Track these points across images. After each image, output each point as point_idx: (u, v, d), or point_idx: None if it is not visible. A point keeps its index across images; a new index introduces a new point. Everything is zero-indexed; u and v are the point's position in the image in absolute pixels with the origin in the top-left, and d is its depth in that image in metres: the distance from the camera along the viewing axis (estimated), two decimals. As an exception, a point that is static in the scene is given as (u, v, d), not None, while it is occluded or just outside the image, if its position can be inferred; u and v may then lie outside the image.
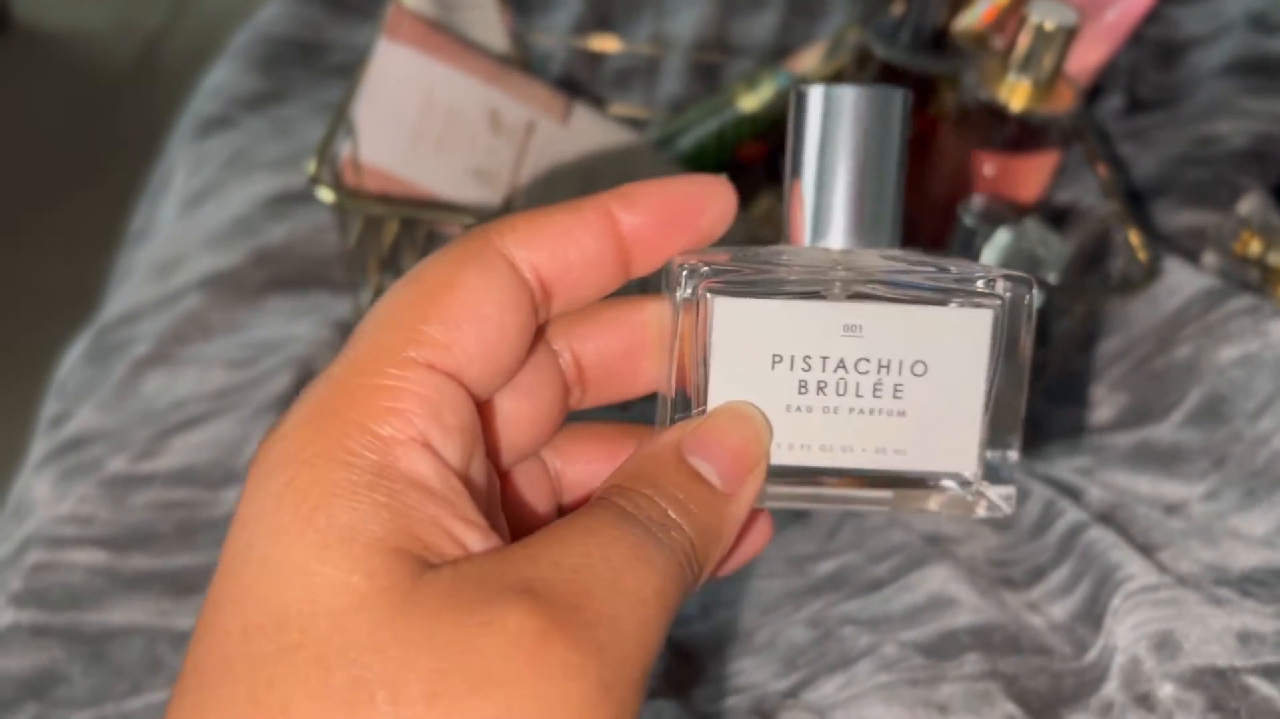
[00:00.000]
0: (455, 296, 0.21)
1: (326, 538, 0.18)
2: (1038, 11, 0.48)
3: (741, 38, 0.76)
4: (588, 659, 0.18)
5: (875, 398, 0.23)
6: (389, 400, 0.20)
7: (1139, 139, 0.66)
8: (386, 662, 0.17)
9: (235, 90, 0.71)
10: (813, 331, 0.23)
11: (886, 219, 0.24)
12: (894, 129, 0.23)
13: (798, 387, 0.23)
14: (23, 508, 0.49)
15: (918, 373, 0.23)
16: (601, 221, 0.22)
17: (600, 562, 0.19)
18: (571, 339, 0.25)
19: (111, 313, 0.58)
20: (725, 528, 0.22)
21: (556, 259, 0.22)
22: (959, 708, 0.38)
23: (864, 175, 0.23)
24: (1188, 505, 0.46)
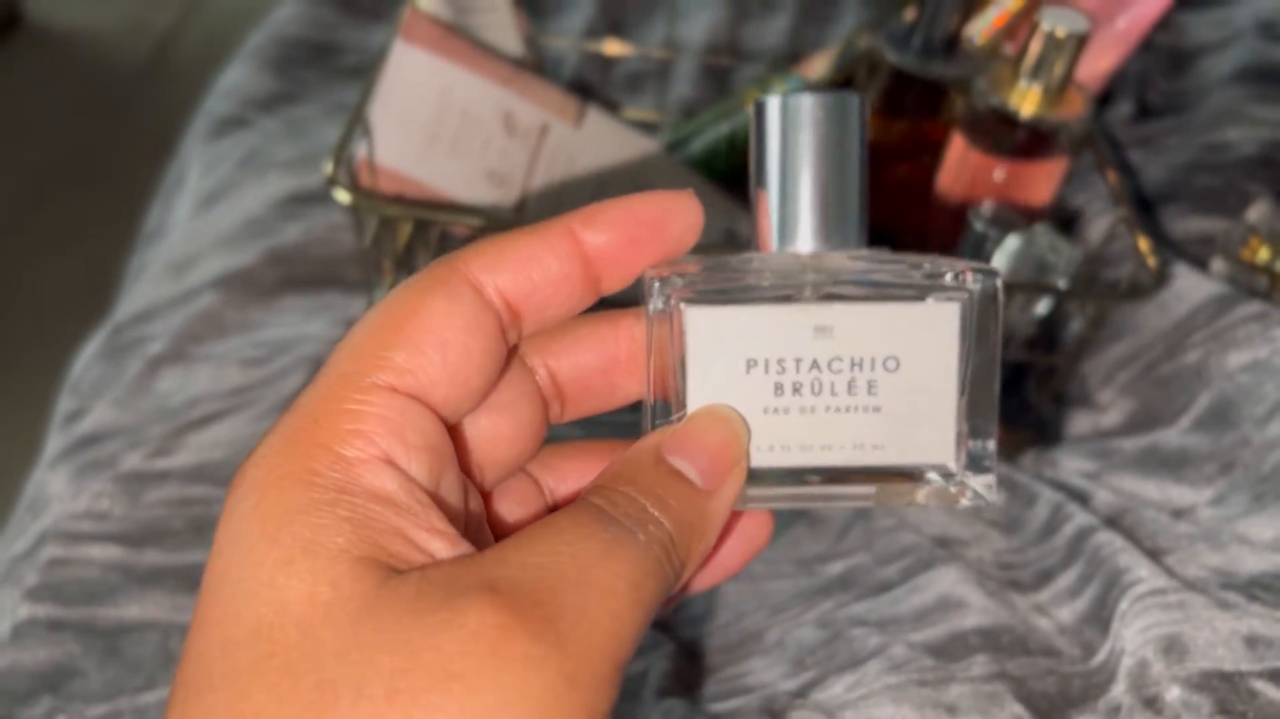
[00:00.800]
0: (419, 322, 0.21)
1: (291, 553, 0.19)
2: (1049, 18, 0.48)
3: (752, 42, 0.77)
4: (550, 651, 0.18)
5: (850, 395, 0.24)
6: (351, 423, 0.20)
7: (1148, 146, 0.66)
8: (350, 664, 0.18)
9: (249, 91, 0.72)
10: (785, 335, 0.24)
11: (852, 221, 0.24)
12: (852, 133, 0.24)
13: (774, 389, 0.24)
14: (38, 503, 0.49)
15: (890, 369, 0.24)
16: (565, 242, 0.23)
17: (569, 558, 0.20)
18: (547, 356, 0.25)
19: (126, 311, 0.59)
20: (707, 523, 0.22)
21: (522, 281, 0.22)
22: (967, 709, 0.38)
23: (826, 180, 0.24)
24: (1195, 510, 0.46)
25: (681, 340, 0.23)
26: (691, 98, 0.70)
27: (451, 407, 0.22)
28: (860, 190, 0.24)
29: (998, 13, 0.54)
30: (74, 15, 1.97)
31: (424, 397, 0.21)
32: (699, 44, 0.75)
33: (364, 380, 0.21)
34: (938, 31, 0.50)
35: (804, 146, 0.24)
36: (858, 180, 0.24)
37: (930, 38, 0.50)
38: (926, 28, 0.50)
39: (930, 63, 0.50)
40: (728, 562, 0.26)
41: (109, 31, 1.94)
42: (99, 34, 1.94)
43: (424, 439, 0.21)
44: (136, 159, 1.61)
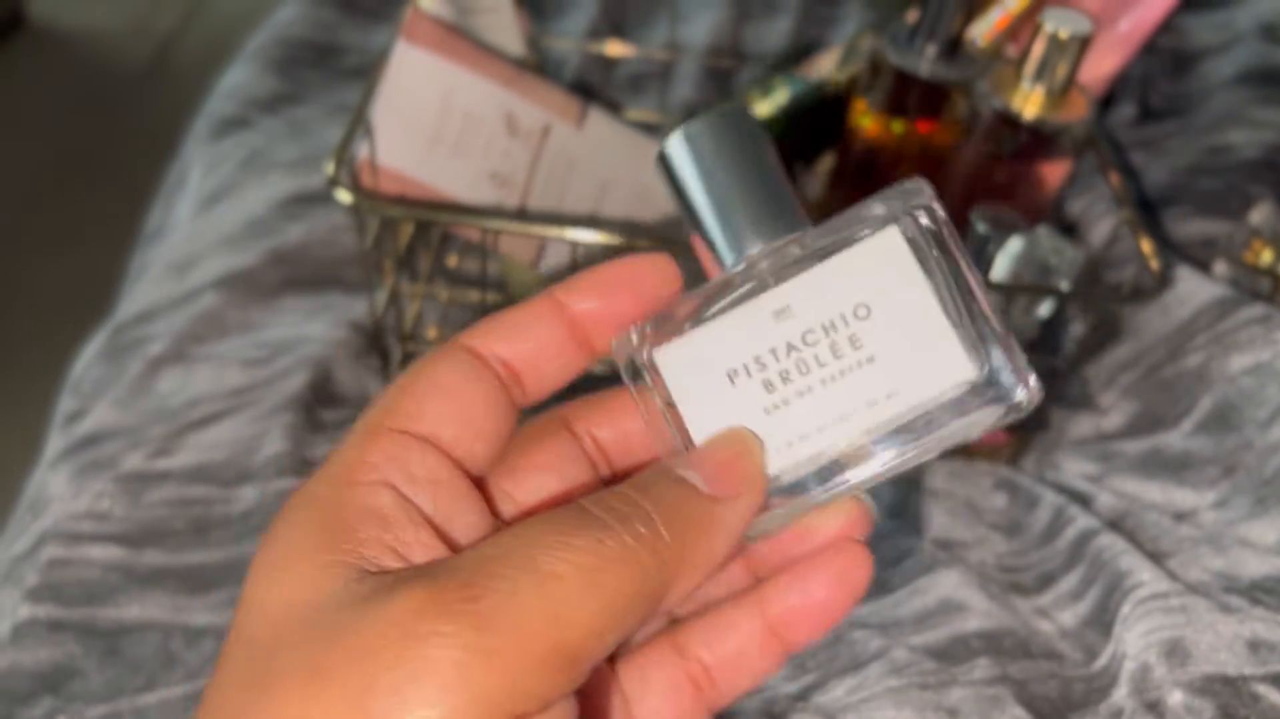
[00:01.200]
0: (422, 378, 0.24)
1: (277, 561, 0.21)
2: (1052, 20, 0.48)
3: (754, 44, 0.76)
4: (464, 629, 0.19)
5: (837, 359, 0.23)
6: (361, 457, 0.23)
7: (1150, 148, 0.66)
8: (290, 650, 0.20)
9: (251, 91, 0.72)
10: (749, 334, 0.24)
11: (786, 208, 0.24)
12: (751, 137, 0.25)
13: (764, 388, 0.24)
14: (38, 504, 0.49)
15: (861, 316, 0.23)
16: (549, 309, 0.25)
17: (520, 545, 0.20)
18: (589, 424, 0.27)
19: (127, 311, 0.59)
20: (714, 525, 0.22)
21: (514, 346, 0.25)
22: (969, 712, 0.38)
23: (747, 181, 0.24)
24: (1197, 513, 0.46)
25: (663, 383, 0.24)
26: (693, 99, 0.70)
27: (464, 447, 0.24)
28: (779, 181, 0.25)
29: (1000, 15, 0.54)
30: (76, 16, 1.97)
31: (433, 438, 0.24)
32: (701, 45, 0.75)
33: (377, 425, 0.23)
34: (941, 33, 0.50)
35: (715, 164, 0.24)
36: (775, 173, 0.25)
37: (933, 39, 0.50)
38: (929, 29, 0.50)
39: (933, 64, 0.50)
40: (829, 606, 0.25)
41: (111, 33, 1.94)
42: (101, 35, 1.94)
43: (429, 473, 0.23)
44: (137, 160, 1.61)
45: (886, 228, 0.23)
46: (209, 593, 0.44)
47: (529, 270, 0.54)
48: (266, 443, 0.48)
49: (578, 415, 0.27)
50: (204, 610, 0.43)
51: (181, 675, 0.41)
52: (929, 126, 0.52)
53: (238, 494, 0.47)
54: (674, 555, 0.22)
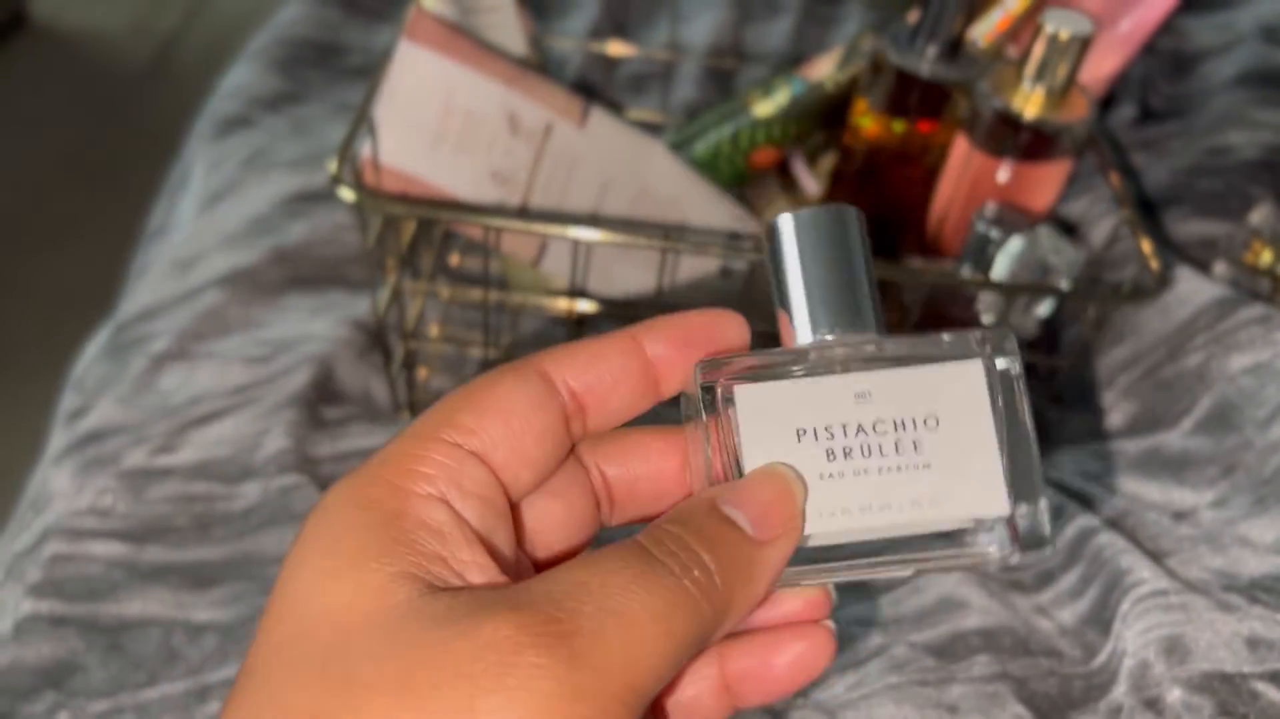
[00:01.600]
0: (488, 394, 0.24)
1: (339, 565, 0.21)
2: (1053, 20, 0.48)
3: (756, 44, 0.77)
4: (557, 663, 0.19)
5: (898, 455, 0.25)
6: (414, 465, 0.23)
7: (1151, 149, 0.66)
8: (373, 660, 0.20)
9: (254, 90, 0.72)
10: (828, 403, 0.25)
11: (867, 311, 0.26)
12: (854, 236, 0.27)
13: (825, 455, 0.25)
14: (41, 500, 0.49)
15: (931, 426, 0.25)
16: (628, 346, 0.26)
17: (597, 586, 0.21)
18: (600, 457, 0.27)
19: (130, 309, 0.59)
20: (756, 570, 0.23)
21: (587, 376, 0.25)
22: (968, 709, 0.38)
23: (839, 275, 0.26)
24: (1197, 512, 0.46)
25: (733, 418, 0.25)
26: (695, 99, 0.70)
27: (511, 472, 0.24)
28: (870, 284, 0.27)
29: (1001, 15, 0.54)
30: (78, 16, 1.97)
31: (485, 456, 0.24)
32: (702, 45, 0.75)
33: (433, 434, 0.24)
34: (942, 34, 0.50)
35: (816, 251, 0.26)
36: (865, 275, 0.27)
37: (934, 39, 0.50)
38: (930, 29, 0.50)
39: (934, 64, 0.51)
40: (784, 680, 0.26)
41: (112, 32, 1.95)
42: (103, 35, 1.94)
43: (479, 489, 0.23)
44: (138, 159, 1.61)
45: (973, 359, 0.26)
46: (211, 589, 0.44)
47: (530, 269, 0.55)
48: (269, 440, 0.48)
49: (590, 447, 0.27)
50: (206, 607, 0.43)
51: (183, 671, 0.41)
52: (930, 127, 0.53)
53: (241, 491, 0.47)
54: (724, 601, 0.22)
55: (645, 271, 0.55)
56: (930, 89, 0.51)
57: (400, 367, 0.51)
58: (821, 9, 0.80)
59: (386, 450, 0.24)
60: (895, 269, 0.45)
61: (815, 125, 0.59)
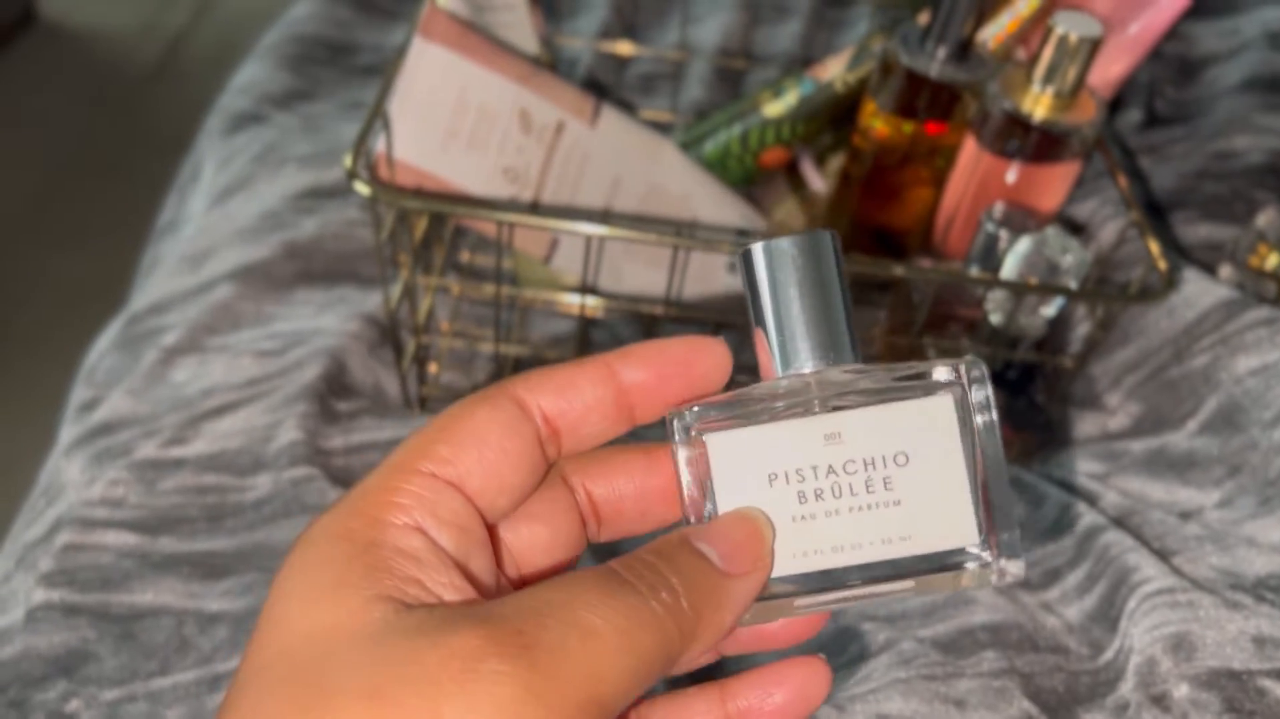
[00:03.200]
0: (462, 423, 0.25)
1: (320, 591, 0.22)
2: (1063, 23, 0.48)
3: (765, 46, 0.77)
4: (520, 670, 0.20)
5: (869, 493, 0.26)
6: (391, 497, 0.24)
7: (1157, 153, 0.67)
8: (345, 670, 0.21)
9: (265, 87, 0.72)
10: (799, 447, 0.26)
11: (843, 339, 0.26)
12: (830, 264, 0.26)
13: (797, 498, 0.26)
14: (53, 490, 0.50)
15: (900, 463, 0.26)
16: (602, 373, 0.26)
17: (563, 602, 0.22)
18: (585, 478, 0.28)
19: (141, 302, 0.59)
20: (724, 599, 0.24)
21: (560, 402, 0.26)
22: (976, 704, 0.38)
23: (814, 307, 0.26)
24: (1203, 512, 0.46)
25: (707, 465, 0.26)
26: (704, 100, 0.71)
27: (488, 499, 0.25)
28: (846, 312, 0.27)
29: (1011, 18, 0.54)
30: (87, 14, 1.98)
31: (461, 485, 0.24)
32: (711, 47, 0.75)
33: (409, 466, 0.24)
34: (952, 35, 0.51)
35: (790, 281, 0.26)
36: (841, 303, 0.27)
37: (944, 41, 0.51)
38: (940, 31, 0.51)
39: (944, 66, 0.51)
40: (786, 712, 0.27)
41: (121, 31, 1.95)
42: (111, 33, 1.94)
43: (454, 518, 0.24)
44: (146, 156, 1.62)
45: (942, 393, 0.26)
46: (222, 579, 0.44)
47: (541, 265, 0.55)
48: (281, 432, 0.48)
49: (575, 468, 0.28)
50: (217, 597, 0.44)
51: (195, 660, 0.42)
52: (939, 128, 0.53)
53: (252, 482, 0.47)
54: (690, 624, 0.23)
55: (655, 269, 0.55)
56: (940, 90, 0.51)
57: (411, 361, 0.52)
58: (830, 12, 0.81)
59: (366, 484, 0.24)
60: (904, 268, 0.46)
61: (824, 126, 0.59)
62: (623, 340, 0.57)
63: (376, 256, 0.56)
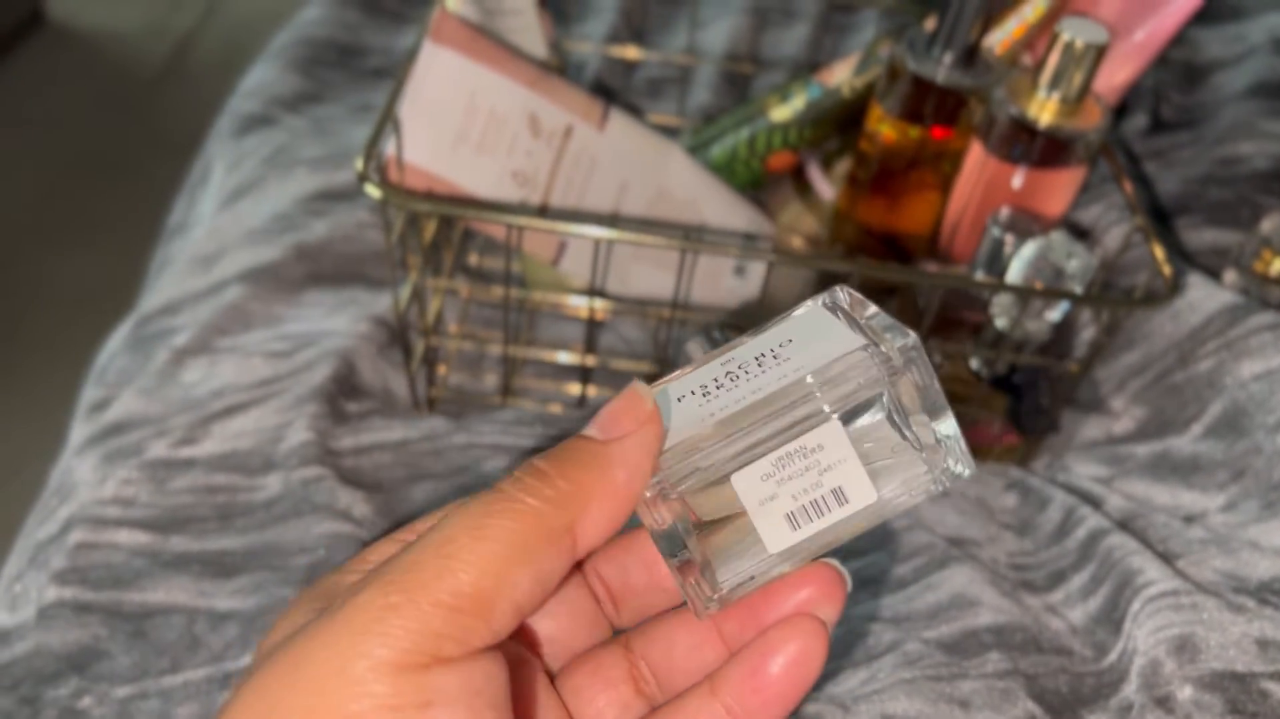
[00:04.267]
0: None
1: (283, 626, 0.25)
2: (1069, 29, 0.49)
3: (772, 50, 0.77)
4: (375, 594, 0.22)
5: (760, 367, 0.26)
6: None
7: (1162, 159, 0.67)
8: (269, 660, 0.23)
9: (275, 90, 0.73)
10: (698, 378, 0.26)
11: None
12: None
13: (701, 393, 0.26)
14: (64, 489, 0.50)
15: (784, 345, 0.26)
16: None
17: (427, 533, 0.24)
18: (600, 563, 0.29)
19: (152, 303, 0.59)
20: (608, 462, 0.25)
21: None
22: (980, 705, 0.39)
23: None
24: (1207, 516, 0.46)
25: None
26: (711, 104, 0.71)
27: None
28: None
29: (1017, 24, 0.55)
30: (95, 16, 1.99)
31: None
32: (718, 52, 0.76)
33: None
34: (958, 41, 0.51)
35: None
36: None
37: (951, 46, 0.51)
38: (947, 37, 0.51)
39: (950, 71, 0.51)
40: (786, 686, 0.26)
41: (129, 32, 1.96)
42: (119, 35, 1.95)
43: None
44: (154, 158, 1.62)
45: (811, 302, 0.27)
46: (233, 578, 0.44)
47: (549, 268, 0.55)
48: (291, 433, 0.49)
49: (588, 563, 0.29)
50: (228, 595, 0.44)
51: (206, 658, 0.42)
52: (945, 133, 0.53)
53: (263, 482, 0.48)
54: (570, 495, 0.24)
55: (662, 272, 0.55)
56: (946, 95, 0.52)
57: (420, 363, 0.52)
58: (837, 17, 0.81)
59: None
60: (910, 272, 0.46)
61: (831, 130, 0.60)
62: (630, 342, 0.57)
63: (387, 259, 0.56)
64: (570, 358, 0.55)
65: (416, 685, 0.21)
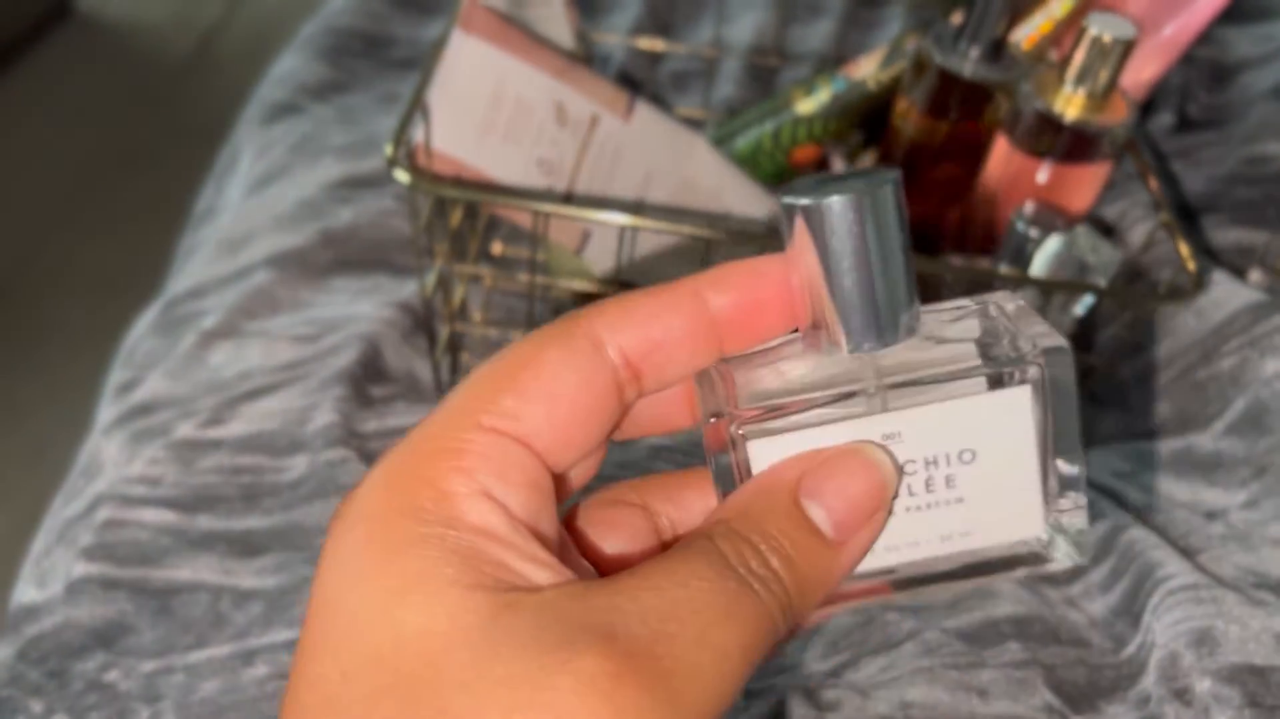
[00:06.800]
0: (532, 372, 0.22)
1: (405, 583, 0.20)
2: (1096, 24, 0.49)
3: (798, 45, 0.78)
4: (659, 705, 0.18)
5: (929, 493, 0.23)
6: (454, 460, 0.21)
7: (1188, 157, 0.67)
8: (470, 696, 0.19)
9: (302, 78, 0.73)
10: None
11: (903, 311, 0.23)
12: (891, 221, 0.22)
13: None
14: (92, 468, 0.51)
15: (966, 461, 0.23)
16: (691, 303, 0.23)
17: (688, 613, 0.20)
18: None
19: (180, 286, 0.60)
20: (829, 581, 0.22)
21: (644, 339, 0.23)
22: (999, 694, 0.39)
23: (881, 279, 0.22)
24: (1228, 513, 0.46)
25: (748, 470, 0.23)
26: (736, 97, 0.71)
27: (555, 456, 0.22)
28: (909, 279, 0.23)
29: (1044, 19, 0.55)
30: (121, 7, 2.01)
31: (528, 441, 0.22)
32: (744, 45, 0.76)
33: (470, 420, 0.22)
34: (985, 35, 0.51)
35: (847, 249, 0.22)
36: (908, 271, 0.23)
37: (977, 40, 0.51)
38: (974, 31, 0.51)
39: (976, 66, 0.51)
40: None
41: (155, 24, 1.98)
42: (146, 26, 1.97)
43: (524, 477, 0.22)
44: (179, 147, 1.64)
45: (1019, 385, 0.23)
46: (258, 557, 0.45)
47: (572, 256, 0.56)
48: (317, 414, 0.49)
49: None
50: (253, 574, 0.45)
51: (230, 635, 0.43)
52: (970, 127, 0.53)
53: (289, 463, 0.48)
54: (796, 615, 0.22)
55: (685, 262, 0.56)
56: (972, 89, 0.52)
57: (445, 349, 0.53)
58: (863, 12, 0.81)
59: (421, 438, 0.22)
60: (935, 264, 0.46)
61: (856, 124, 0.60)
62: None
63: (414, 245, 0.57)
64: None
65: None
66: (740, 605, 0.20)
